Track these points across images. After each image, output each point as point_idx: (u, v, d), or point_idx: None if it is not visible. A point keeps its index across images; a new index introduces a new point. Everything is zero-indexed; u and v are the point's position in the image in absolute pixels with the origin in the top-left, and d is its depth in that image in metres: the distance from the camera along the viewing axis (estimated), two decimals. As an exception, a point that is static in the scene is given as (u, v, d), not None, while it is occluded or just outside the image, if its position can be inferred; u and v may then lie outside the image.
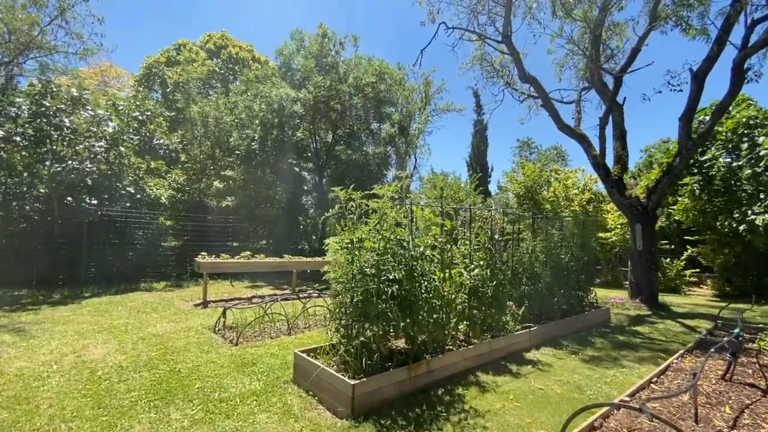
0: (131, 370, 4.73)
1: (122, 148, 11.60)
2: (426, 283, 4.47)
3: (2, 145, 9.85)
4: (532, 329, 6.04)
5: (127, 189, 11.25)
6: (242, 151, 15.90)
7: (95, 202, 10.74)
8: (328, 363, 4.34)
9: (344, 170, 17.80)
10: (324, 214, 19.33)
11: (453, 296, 4.90)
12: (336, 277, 4.79)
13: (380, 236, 4.38)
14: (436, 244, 4.93)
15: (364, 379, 3.79)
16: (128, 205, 11.54)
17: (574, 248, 7.49)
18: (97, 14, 11.06)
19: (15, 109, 9.01)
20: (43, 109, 9.42)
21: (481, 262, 5.45)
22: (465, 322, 5.30)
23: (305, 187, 19.80)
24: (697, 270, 14.89)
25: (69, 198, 10.71)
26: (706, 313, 9.42)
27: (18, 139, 9.35)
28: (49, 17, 10.14)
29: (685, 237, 15.16)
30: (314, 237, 20.08)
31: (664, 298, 10.88)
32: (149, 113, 12.20)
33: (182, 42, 22.62)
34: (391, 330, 4.20)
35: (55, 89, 10.23)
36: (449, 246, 5.06)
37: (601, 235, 16.86)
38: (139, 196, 12.30)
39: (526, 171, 22.34)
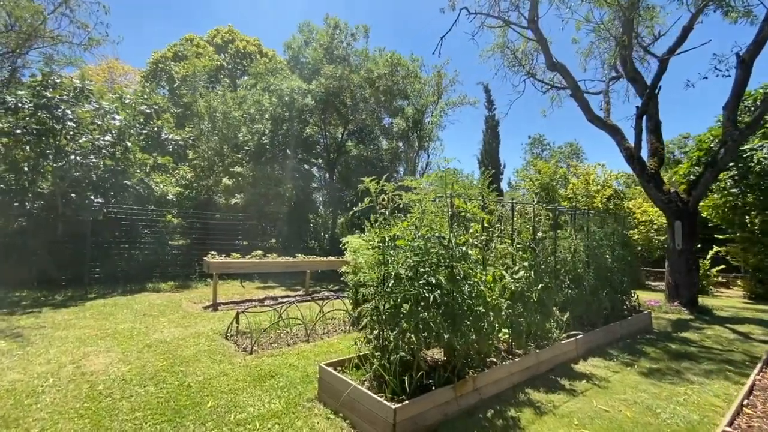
0: (136, 384, 4.19)
1: (128, 143, 11.13)
2: (469, 287, 3.88)
3: (4, 140, 9.41)
4: (578, 337, 5.42)
5: (134, 186, 10.77)
6: (251, 147, 15.39)
7: (100, 199, 10.27)
8: (359, 379, 3.78)
9: (355, 166, 17.22)
10: (334, 211, 18.82)
11: (497, 302, 4.29)
12: (364, 280, 4.21)
13: (419, 234, 3.79)
14: (476, 242, 4.33)
15: (407, 401, 3.22)
16: (132, 203, 11.05)
17: (616, 247, 6.85)
18: (103, 2, 10.58)
19: (14, 99, 8.53)
20: (44, 100, 8.95)
21: (525, 263, 4.84)
22: (507, 331, 4.70)
23: (314, 185, 19.27)
24: (722, 268, 14.08)
25: (73, 195, 10.26)
26: (753, 318, 8.72)
27: (19, 132, 8.89)
28: (53, 4, 9.69)
29: (715, 236, 14.38)
30: (324, 235, 19.58)
31: (702, 300, 10.18)
32: (157, 107, 11.71)
33: (189, 37, 22.18)
34: (434, 341, 3.62)
35: (57, 80, 9.77)
36: (492, 244, 4.45)
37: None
38: (145, 193, 11.83)
39: (540, 167, 21.64)
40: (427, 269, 3.67)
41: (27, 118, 9.04)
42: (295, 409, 3.71)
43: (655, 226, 15.82)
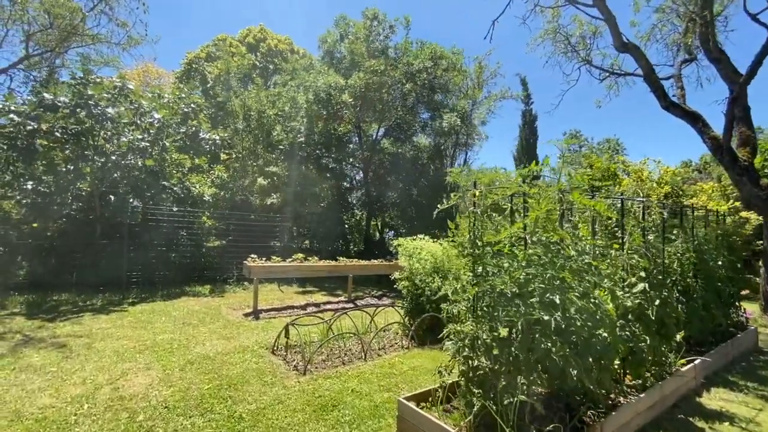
0: (180, 413, 3.58)
1: (166, 143, 10.83)
2: (594, 306, 3.02)
3: (44, 143, 9.24)
4: (696, 362, 4.43)
5: (171, 186, 10.43)
6: (285, 146, 14.94)
7: (138, 201, 9.97)
8: (455, 425, 3.00)
9: (392, 165, 16.48)
10: (369, 212, 18.14)
11: (617, 323, 3.41)
12: (452, 296, 3.43)
13: (532, 238, 2.97)
14: (598, 249, 3.45)
15: (533, 464, 2.41)
16: (170, 204, 10.72)
17: (723, 251, 5.78)
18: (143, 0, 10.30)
19: (52, 97, 8.29)
20: (84, 99, 8.69)
21: (642, 273, 3.92)
22: (622, 358, 3.79)
23: (346, 185, 18.64)
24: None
25: (111, 196, 10.01)
26: None
27: (58, 134, 8.66)
28: (92, 2, 9.48)
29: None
30: (358, 237, 18.94)
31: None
32: (194, 105, 11.39)
33: (222, 37, 22.16)
34: (557, 381, 2.79)
35: (97, 80, 9.53)
36: (611, 252, 3.56)
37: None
38: (182, 194, 11.51)
39: (593, 161, 20.19)
40: (543, 285, 2.84)
41: (66, 118, 8.80)
42: (374, 458, 2.97)
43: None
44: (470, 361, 3.09)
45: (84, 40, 9.98)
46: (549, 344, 2.71)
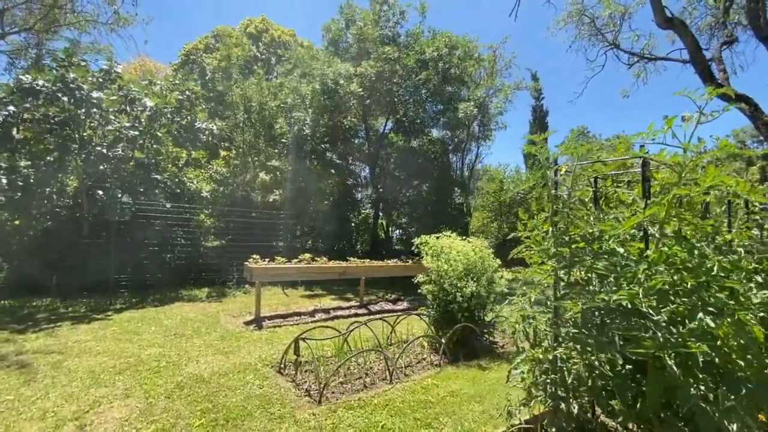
0: (161, 466, 2.69)
1: (159, 134, 9.95)
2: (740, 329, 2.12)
3: (24, 131, 8.36)
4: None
5: (164, 181, 9.55)
6: (289, 140, 14.05)
7: (128, 197, 9.07)
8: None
9: (400, 160, 15.57)
10: (375, 209, 17.26)
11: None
12: (529, 307, 2.54)
13: (669, 231, 2.07)
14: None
15: None
16: (163, 200, 9.83)
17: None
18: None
19: (30, 79, 7.41)
20: (66, 82, 7.81)
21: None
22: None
23: (353, 181, 17.73)
24: None
25: (100, 192, 9.13)
26: None
27: (40, 117, 7.78)
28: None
29: None
30: (365, 236, 18.02)
31: None
32: (190, 93, 10.52)
33: (221, 28, 21.28)
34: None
35: (81, 63, 8.65)
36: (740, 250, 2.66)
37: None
38: (178, 190, 10.62)
39: (618, 148, 19.19)
40: (685, 299, 1.94)
41: (47, 105, 7.93)
42: None
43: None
44: (565, 405, 2.20)
45: (67, 19, 9.09)
46: (697, 385, 1.81)
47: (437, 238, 6.01)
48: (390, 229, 19.36)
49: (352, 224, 16.47)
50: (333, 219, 14.50)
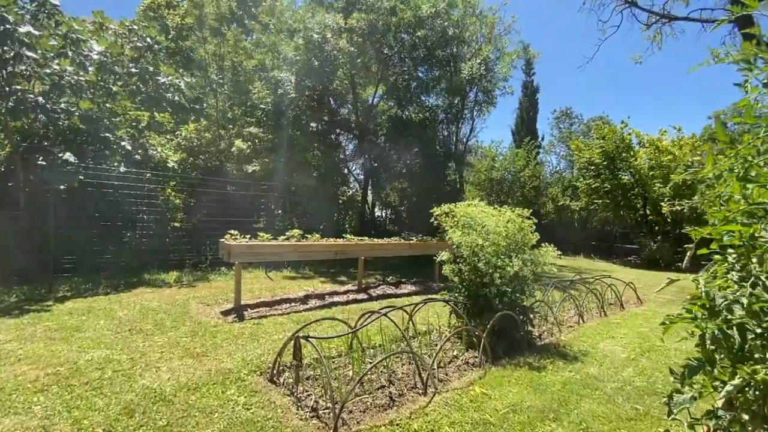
0: None
1: (113, 87, 8.27)
2: None
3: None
4: None
5: (117, 141, 7.91)
6: (268, 105, 12.47)
7: (75, 159, 7.43)
8: None
9: (392, 131, 14.22)
10: (365, 185, 15.94)
11: None
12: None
13: None
14: None
15: None
16: (119, 163, 8.26)
17: None
18: None
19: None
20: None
21: None
22: None
23: (338, 155, 16.22)
24: None
25: (38, 156, 7.46)
26: None
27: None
28: None
29: None
30: (352, 214, 16.71)
31: None
32: (151, 40, 8.79)
33: (188, -18, 18.89)
34: None
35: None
36: None
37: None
38: (138, 156, 8.99)
39: (605, 132, 18.52)
40: None
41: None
42: None
43: None
44: None
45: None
46: None
47: (467, 205, 4.83)
48: (380, 207, 18.17)
49: (340, 201, 15.15)
50: (318, 196, 13.14)
